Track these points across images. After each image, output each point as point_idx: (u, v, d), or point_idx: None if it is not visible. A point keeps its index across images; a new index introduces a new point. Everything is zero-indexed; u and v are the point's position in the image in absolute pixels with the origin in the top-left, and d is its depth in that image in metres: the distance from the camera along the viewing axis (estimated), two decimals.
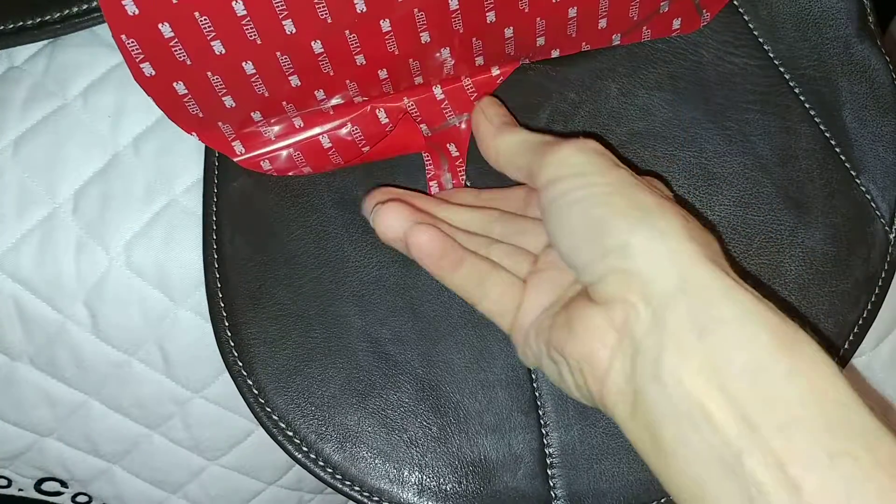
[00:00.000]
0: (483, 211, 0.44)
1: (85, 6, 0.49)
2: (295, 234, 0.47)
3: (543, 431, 0.46)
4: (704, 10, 0.48)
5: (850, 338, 0.48)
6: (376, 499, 0.45)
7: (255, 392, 0.45)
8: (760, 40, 0.51)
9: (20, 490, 0.62)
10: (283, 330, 0.46)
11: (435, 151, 0.47)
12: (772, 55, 0.50)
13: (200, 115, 0.44)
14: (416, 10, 0.42)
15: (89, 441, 0.56)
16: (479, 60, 0.46)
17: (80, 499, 0.62)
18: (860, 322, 0.48)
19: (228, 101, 0.44)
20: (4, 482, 0.61)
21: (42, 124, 0.50)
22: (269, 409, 0.45)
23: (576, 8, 0.45)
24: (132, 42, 0.39)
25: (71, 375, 0.53)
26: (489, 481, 0.45)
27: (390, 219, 0.41)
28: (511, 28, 0.45)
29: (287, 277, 0.46)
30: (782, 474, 0.29)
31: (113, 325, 0.51)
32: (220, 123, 0.45)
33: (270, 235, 0.47)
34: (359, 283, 0.46)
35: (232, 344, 0.45)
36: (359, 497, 0.45)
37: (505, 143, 0.41)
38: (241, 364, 0.45)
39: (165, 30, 0.39)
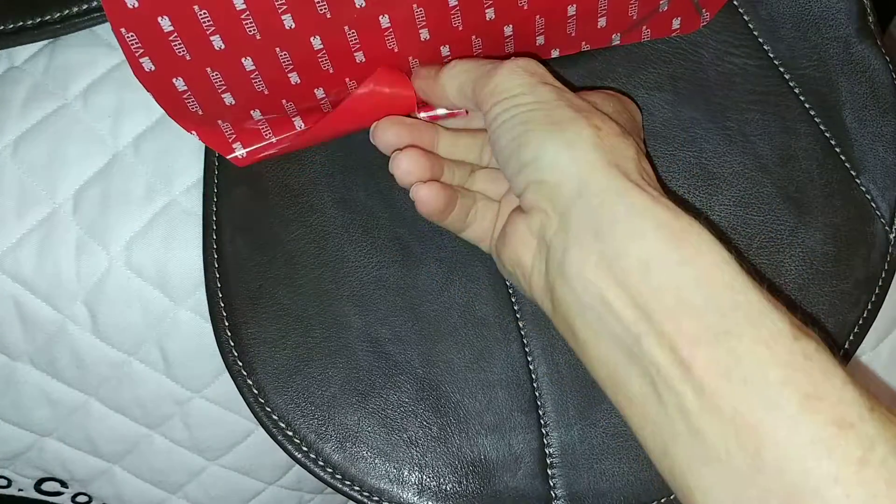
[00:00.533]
0: (472, 135, 0.45)
1: (85, 6, 0.49)
2: (295, 235, 0.47)
3: (543, 431, 0.46)
4: (704, 10, 0.48)
5: (851, 338, 0.48)
6: (376, 499, 0.45)
7: (255, 392, 0.45)
8: (760, 40, 0.51)
9: (20, 490, 0.62)
10: (283, 330, 0.46)
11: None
12: (772, 55, 0.50)
13: (200, 112, 0.44)
14: (415, 5, 0.42)
15: (89, 441, 0.56)
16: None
17: (80, 499, 0.62)
18: (860, 322, 0.48)
19: (228, 99, 0.43)
20: (4, 482, 0.61)
21: (42, 124, 0.50)
22: (269, 409, 0.45)
23: (575, 6, 0.45)
24: (132, 36, 0.39)
25: (71, 375, 0.53)
26: (489, 481, 0.45)
27: (408, 164, 0.43)
28: (510, 26, 0.45)
29: (287, 277, 0.46)
30: (674, 354, 0.31)
31: (113, 325, 0.51)
32: (220, 122, 0.45)
33: (270, 235, 0.47)
34: (359, 283, 0.46)
35: (232, 344, 0.45)
36: (359, 497, 0.45)
37: (448, 80, 0.43)
38: (241, 364, 0.45)
39: (165, 23, 0.39)
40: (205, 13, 0.39)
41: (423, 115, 0.46)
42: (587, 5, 0.45)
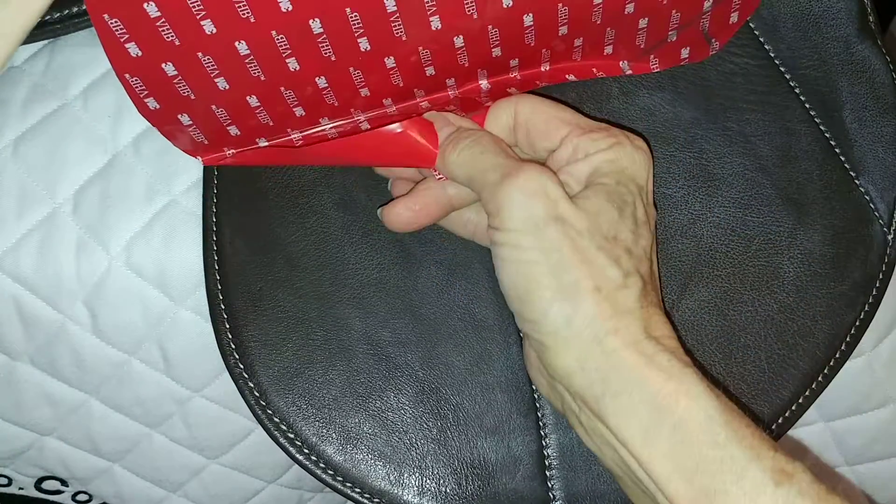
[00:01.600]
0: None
1: (84, 6, 0.49)
2: (295, 236, 0.47)
3: (542, 433, 0.46)
4: (714, 39, 0.48)
5: (847, 339, 0.48)
6: (376, 500, 0.45)
7: (257, 394, 0.45)
8: (761, 40, 0.51)
9: (20, 489, 0.62)
10: (284, 332, 0.46)
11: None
12: (772, 55, 0.50)
13: (206, 142, 0.44)
14: (420, 47, 0.42)
15: (89, 440, 0.56)
16: (484, 84, 0.46)
17: (81, 497, 0.62)
18: (857, 323, 0.48)
19: (233, 130, 0.44)
20: (5, 481, 0.61)
21: (42, 124, 0.50)
22: (270, 411, 0.45)
23: (581, 38, 0.45)
24: (136, 80, 0.40)
25: (71, 375, 0.53)
26: (488, 483, 0.45)
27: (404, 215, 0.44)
28: (517, 59, 0.45)
29: (287, 279, 0.46)
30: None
31: (113, 324, 0.51)
32: (225, 149, 0.45)
33: (271, 237, 0.47)
34: (359, 286, 0.46)
35: (233, 346, 0.46)
36: (359, 499, 0.45)
37: (455, 167, 0.42)
38: (242, 366, 0.45)
39: (169, 69, 0.39)
40: (209, 59, 0.39)
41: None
42: (595, 38, 0.45)
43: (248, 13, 0.38)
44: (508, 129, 0.44)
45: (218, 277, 0.46)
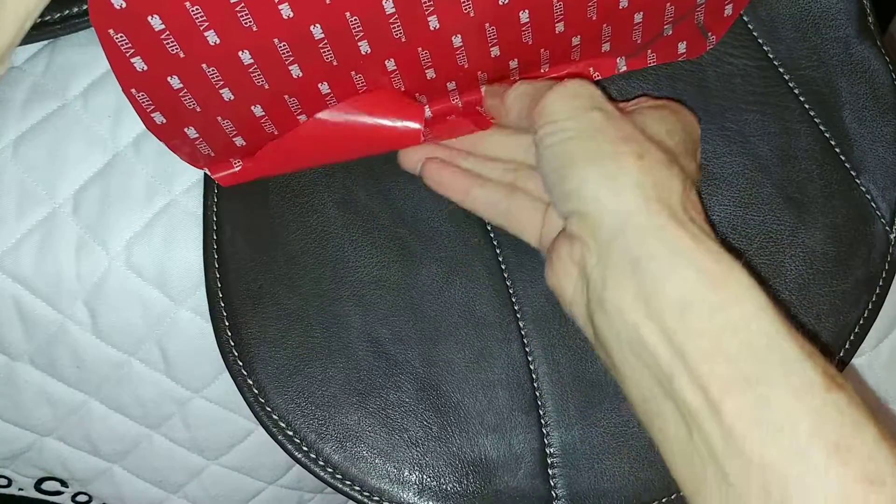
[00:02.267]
0: (519, 135, 0.45)
1: (85, 6, 0.49)
2: (295, 235, 0.47)
3: (544, 431, 0.46)
4: (710, 34, 0.48)
5: (851, 338, 0.48)
6: (377, 498, 0.45)
7: (256, 392, 0.45)
8: (760, 41, 0.51)
9: (20, 489, 0.62)
10: (284, 330, 0.46)
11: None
12: (771, 56, 0.50)
13: (212, 154, 0.45)
14: (419, 48, 0.42)
15: (89, 441, 0.56)
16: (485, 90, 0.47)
17: (80, 498, 0.62)
18: (861, 322, 0.48)
19: (239, 141, 0.44)
20: (4, 481, 0.61)
21: (42, 124, 0.50)
22: (269, 409, 0.45)
23: (580, 36, 0.45)
24: (142, 95, 0.40)
25: (71, 375, 0.53)
26: (490, 481, 0.45)
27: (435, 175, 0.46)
28: (516, 60, 0.45)
29: (287, 277, 0.46)
30: (706, 397, 0.32)
31: (113, 324, 0.51)
32: (231, 160, 0.46)
33: (271, 235, 0.47)
34: (359, 283, 0.46)
35: (232, 344, 0.45)
36: (359, 497, 0.45)
37: (512, 103, 0.43)
38: (241, 364, 0.45)
39: (174, 82, 0.40)
40: (213, 70, 0.40)
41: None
42: (590, 34, 0.45)
43: (250, 22, 0.39)
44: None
45: (218, 275, 0.46)
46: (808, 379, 0.31)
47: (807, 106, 0.50)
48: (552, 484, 0.45)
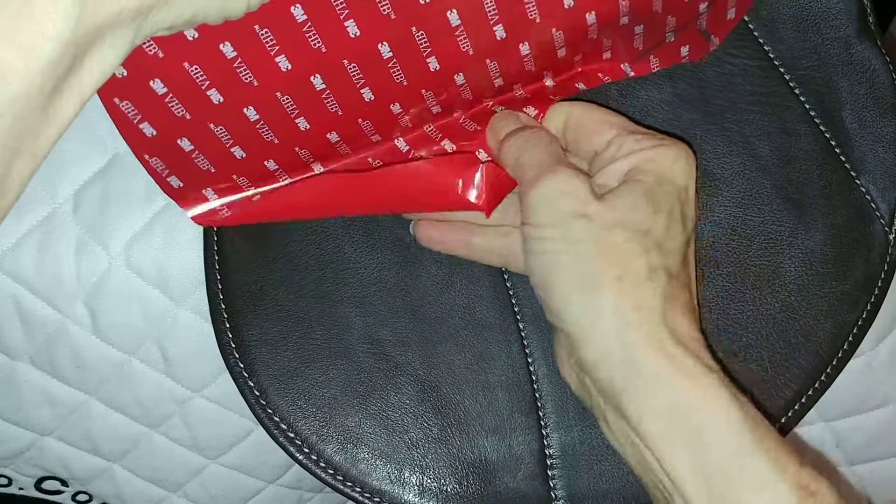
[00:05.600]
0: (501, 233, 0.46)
1: None
2: (296, 236, 0.47)
3: (544, 433, 0.46)
4: (713, 36, 0.48)
5: (850, 338, 0.48)
6: (377, 500, 0.45)
7: (257, 393, 0.45)
8: (760, 41, 0.51)
9: (20, 489, 0.62)
10: (284, 331, 0.46)
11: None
12: (772, 56, 0.50)
13: (230, 214, 0.45)
14: (423, 90, 0.42)
15: (89, 440, 0.56)
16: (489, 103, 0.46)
17: (81, 497, 0.62)
18: (860, 323, 0.48)
19: (257, 198, 0.45)
20: (5, 481, 0.61)
21: None
22: (270, 411, 0.45)
23: (581, 55, 0.45)
24: (156, 160, 0.40)
25: (71, 375, 0.53)
26: (490, 482, 0.45)
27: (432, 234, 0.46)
28: (520, 84, 0.45)
29: (288, 279, 0.46)
30: None
31: (113, 324, 0.50)
32: (253, 217, 0.46)
33: (271, 236, 0.47)
34: (360, 285, 0.46)
35: (233, 345, 0.45)
36: (360, 498, 0.45)
37: (503, 157, 0.43)
38: (242, 365, 0.45)
39: (185, 144, 0.40)
40: (221, 129, 0.40)
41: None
42: (593, 48, 0.45)
43: (250, 77, 0.38)
44: (560, 132, 0.44)
45: (219, 277, 0.46)
46: (780, 494, 0.33)
47: (807, 106, 0.50)
48: (552, 485, 0.45)
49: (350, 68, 0.40)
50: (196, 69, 0.37)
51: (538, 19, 0.41)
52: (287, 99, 0.40)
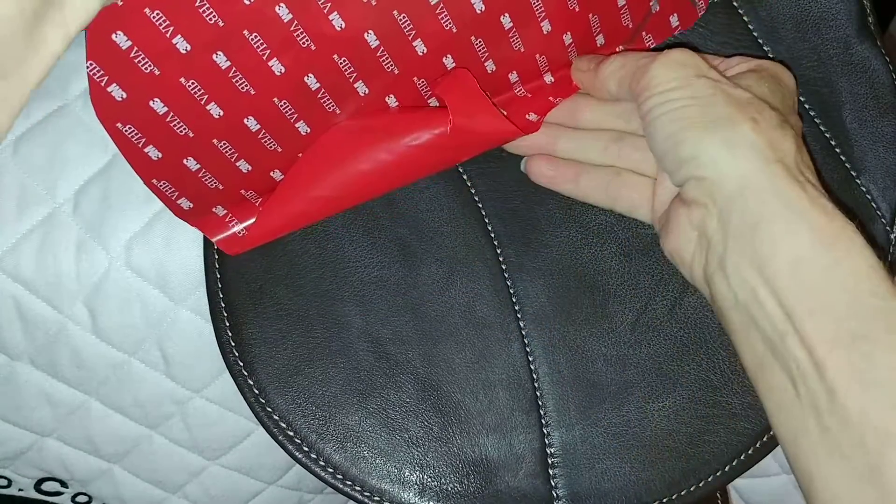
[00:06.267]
0: (616, 104, 0.46)
1: None
2: (295, 235, 0.47)
3: (545, 431, 0.46)
4: (699, 1, 0.48)
5: None
6: (377, 499, 0.45)
7: (256, 392, 0.45)
8: (760, 41, 0.51)
9: (20, 490, 0.62)
10: (284, 330, 0.46)
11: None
12: (771, 56, 0.50)
13: (246, 233, 0.45)
14: (414, 77, 0.42)
15: (89, 441, 0.56)
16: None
17: (80, 499, 0.62)
18: None
19: (249, 196, 0.45)
20: (4, 482, 0.61)
21: (42, 124, 0.50)
22: (269, 409, 0.45)
23: (570, 33, 0.45)
24: (164, 184, 0.41)
25: (71, 375, 0.53)
26: (490, 481, 0.45)
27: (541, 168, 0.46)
28: (515, 73, 0.45)
29: (288, 277, 0.46)
30: (812, 355, 0.33)
31: (113, 325, 0.50)
32: (266, 231, 0.46)
33: None
34: (359, 284, 0.46)
35: (233, 344, 0.45)
36: (360, 497, 0.45)
37: (608, 76, 0.44)
38: (241, 364, 0.45)
39: (191, 164, 0.40)
40: (225, 143, 0.40)
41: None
42: (581, 29, 0.45)
43: (246, 86, 0.39)
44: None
45: (218, 275, 0.46)
46: None
47: (807, 106, 0.50)
48: (553, 484, 0.45)
49: (341, 63, 0.40)
50: (193, 83, 0.38)
51: None
52: (285, 104, 0.40)
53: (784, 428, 0.36)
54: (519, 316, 0.46)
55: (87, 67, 0.35)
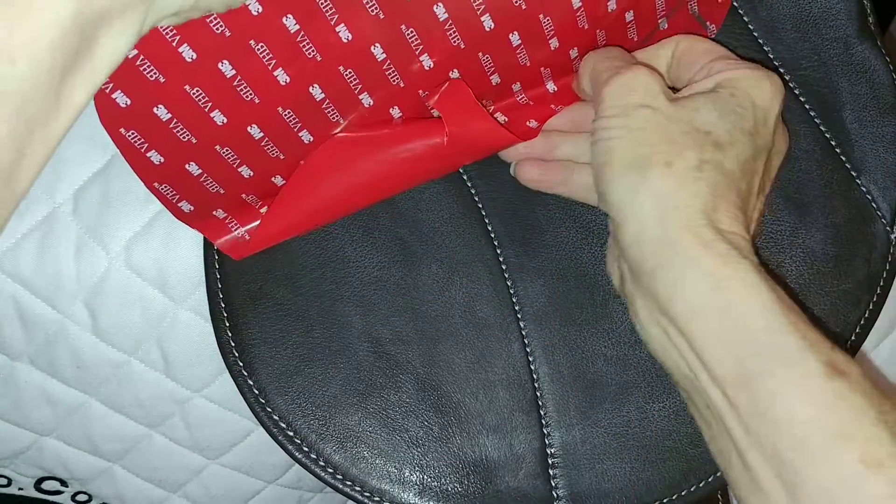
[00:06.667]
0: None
1: None
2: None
3: (545, 431, 0.46)
4: (708, 22, 0.48)
5: (852, 338, 0.48)
6: (377, 499, 0.45)
7: (256, 392, 0.45)
8: (760, 41, 0.51)
9: (20, 489, 0.62)
10: (284, 330, 0.46)
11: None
12: (771, 56, 0.50)
13: (247, 238, 0.45)
14: (420, 91, 0.42)
15: (89, 440, 0.56)
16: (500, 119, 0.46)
17: (80, 498, 0.62)
18: (862, 322, 0.48)
19: (265, 211, 0.45)
20: (4, 481, 0.61)
21: None
22: (269, 410, 0.45)
23: (576, 48, 0.45)
24: (165, 187, 0.41)
25: (71, 375, 0.53)
26: (491, 481, 0.45)
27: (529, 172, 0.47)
28: (519, 83, 0.45)
29: (288, 277, 0.46)
30: (724, 395, 0.34)
31: (113, 325, 0.50)
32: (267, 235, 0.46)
33: None
34: (359, 284, 0.46)
35: (233, 344, 0.45)
36: (360, 497, 0.45)
37: (581, 74, 0.45)
38: (241, 364, 0.45)
39: (193, 169, 0.40)
40: (228, 150, 0.40)
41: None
42: (588, 45, 0.45)
43: (250, 94, 0.39)
44: (667, 64, 0.45)
45: (218, 276, 0.46)
46: (810, 369, 0.33)
47: (807, 106, 0.50)
48: (553, 484, 0.45)
49: (346, 74, 0.40)
50: (198, 91, 0.38)
51: (523, 6, 0.41)
52: (288, 113, 0.40)
53: (719, 459, 0.37)
54: (519, 316, 0.46)
55: None
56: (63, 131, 0.27)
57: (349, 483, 0.45)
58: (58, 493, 0.61)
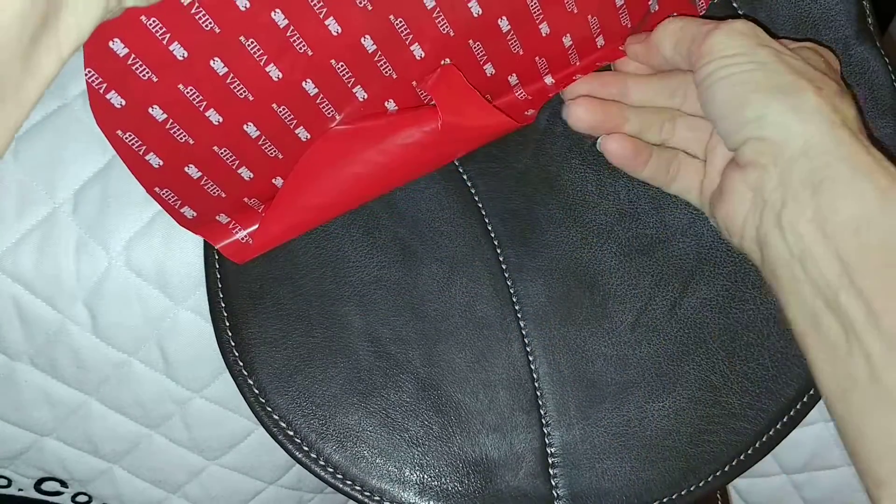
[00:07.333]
0: (663, 78, 0.46)
1: None
2: None
3: (545, 431, 0.46)
4: (699, 0, 0.48)
5: None
6: (377, 498, 0.45)
7: (256, 392, 0.45)
8: None
9: (20, 490, 0.62)
10: (284, 329, 0.46)
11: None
12: None
13: (251, 242, 0.45)
14: (413, 82, 0.42)
15: (89, 441, 0.56)
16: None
17: (80, 498, 0.62)
18: None
19: (252, 203, 0.45)
20: (4, 482, 0.61)
21: (42, 124, 0.50)
22: (269, 409, 0.45)
23: (569, 35, 0.45)
24: (166, 192, 0.40)
25: (71, 375, 0.53)
26: (491, 481, 0.45)
27: (580, 112, 0.46)
28: (515, 75, 0.45)
29: (288, 277, 0.46)
30: (869, 309, 0.35)
31: (113, 325, 0.50)
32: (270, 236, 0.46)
33: None
34: (360, 283, 0.46)
35: (233, 343, 0.45)
36: (360, 497, 0.45)
37: (664, 37, 0.44)
38: (241, 364, 0.45)
39: (192, 171, 0.40)
40: (226, 150, 0.41)
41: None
42: (580, 31, 0.45)
43: (244, 92, 0.39)
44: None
45: (219, 276, 0.46)
46: None
47: None
48: (553, 484, 0.45)
49: (338, 68, 0.40)
50: (191, 90, 0.38)
51: None
52: (283, 110, 0.40)
53: (833, 384, 0.37)
54: (519, 316, 0.46)
55: (86, 75, 0.35)
56: (34, 97, 0.28)
57: (349, 482, 0.45)
58: (58, 493, 0.61)
